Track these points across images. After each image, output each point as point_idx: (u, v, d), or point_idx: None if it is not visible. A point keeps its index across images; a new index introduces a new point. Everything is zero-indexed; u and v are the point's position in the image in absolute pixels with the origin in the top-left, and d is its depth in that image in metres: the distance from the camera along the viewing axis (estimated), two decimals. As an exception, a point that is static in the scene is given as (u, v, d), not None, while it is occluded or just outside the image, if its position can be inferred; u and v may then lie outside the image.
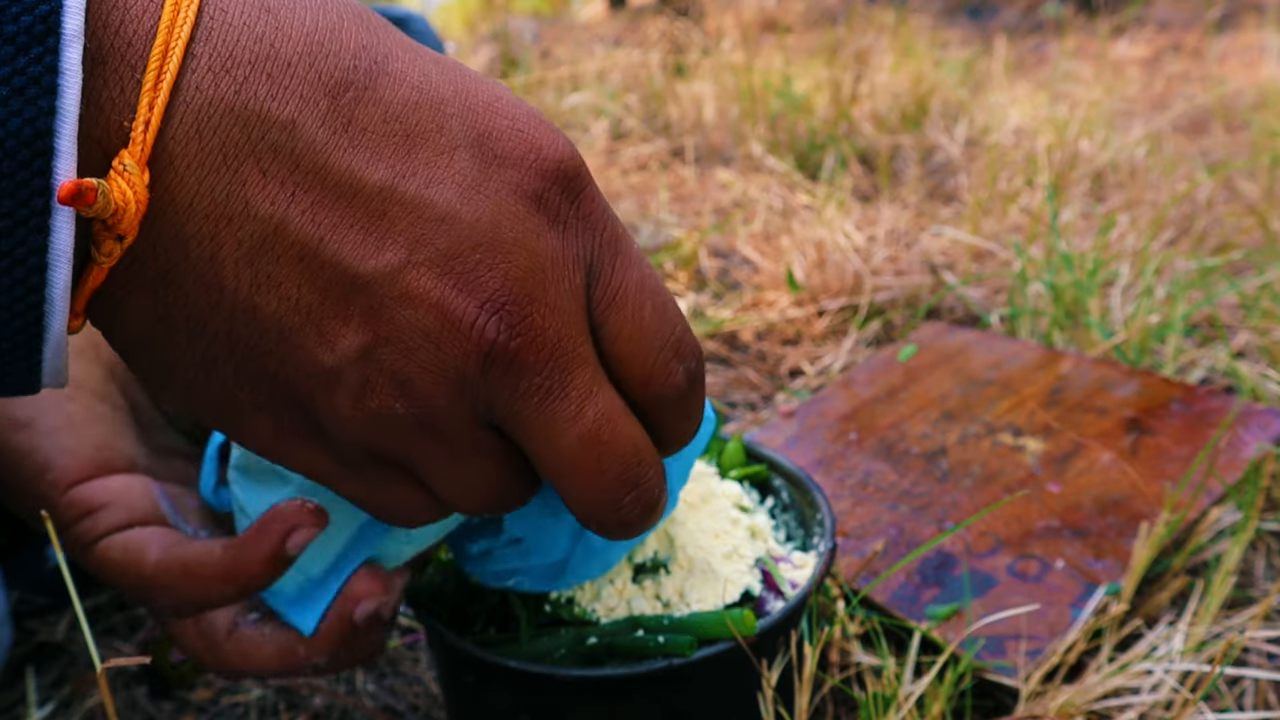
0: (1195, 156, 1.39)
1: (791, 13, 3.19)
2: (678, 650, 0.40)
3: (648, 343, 0.30)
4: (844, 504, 0.67)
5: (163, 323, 0.27)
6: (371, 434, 0.29)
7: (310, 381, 0.28)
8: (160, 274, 0.26)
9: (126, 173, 0.24)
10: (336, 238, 0.26)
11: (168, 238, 0.25)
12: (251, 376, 0.28)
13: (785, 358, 0.96)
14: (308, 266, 0.26)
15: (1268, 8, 2.52)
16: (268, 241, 0.26)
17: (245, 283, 0.26)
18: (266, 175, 0.25)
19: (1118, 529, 0.61)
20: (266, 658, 0.39)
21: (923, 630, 0.54)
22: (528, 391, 0.28)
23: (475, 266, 0.27)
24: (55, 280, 0.24)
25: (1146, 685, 0.50)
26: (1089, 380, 0.77)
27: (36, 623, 0.66)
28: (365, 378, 0.27)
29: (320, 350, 0.27)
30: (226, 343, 0.27)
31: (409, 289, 0.27)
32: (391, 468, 0.31)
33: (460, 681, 0.46)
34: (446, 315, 0.27)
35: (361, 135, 0.26)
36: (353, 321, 0.27)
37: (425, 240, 0.27)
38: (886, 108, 1.61)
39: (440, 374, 0.28)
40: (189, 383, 0.28)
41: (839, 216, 1.15)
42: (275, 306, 0.26)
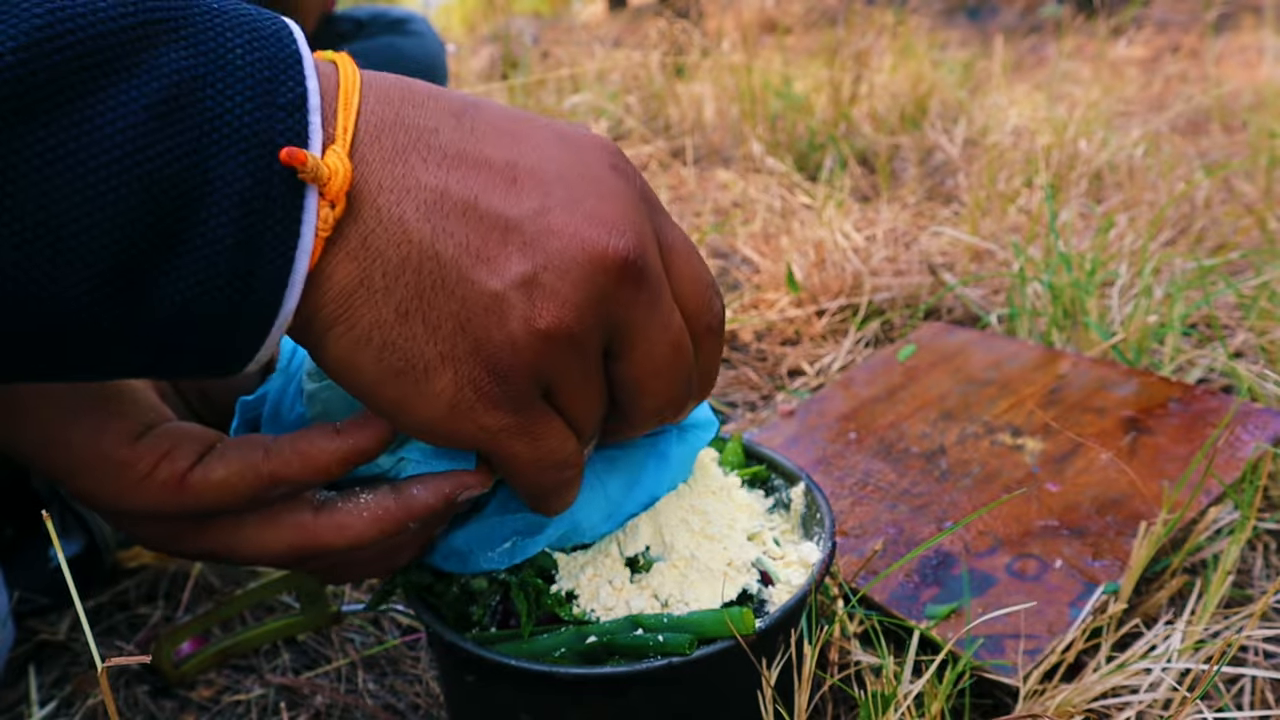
0: (1193, 157, 1.39)
1: (791, 13, 3.19)
2: (677, 649, 0.41)
3: (699, 282, 0.39)
4: (843, 503, 0.68)
5: (363, 285, 0.34)
6: (538, 355, 0.35)
7: (487, 313, 0.34)
8: (361, 240, 0.33)
9: (336, 153, 0.33)
10: (486, 196, 0.35)
11: (366, 209, 0.33)
12: (437, 323, 0.34)
13: (785, 358, 0.96)
14: (469, 218, 0.34)
15: (1266, 8, 2.53)
16: (438, 203, 0.34)
17: (427, 235, 0.34)
18: (427, 161, 0.35)
19: (1116, 528, 0.61)
20: (364, 524, 0.41)
21: (922, 629, 0.54)
22: (644, 302, 0.36)
23: (594, 207, 0.36)
24: (299, 265, 0.32)
25: (1145, 684, 0.50)
26: (1088, 380, 0.77)
27: (38, 622, 0.66)
28: (532, 301, 0.34)
29: (491, 279, 0.34)
30: (416, 292, 0.34)
31: (551, 225, 0.35)
32: (542, 403, 0.37)
33: (460, 681, 0.46)
34: (585, 242, 0.35)
35: (483, 135, 0.36)
36: (513, 256, 0.34)
37: (551, 192, 0.35)
38: (886, 108, 1.61)
39: (588, 287, 0.35)
40: (383, 345, 0.34)
41: (838, 217, 1.15)
42: (452, 251, 0.34)
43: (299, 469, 0.40)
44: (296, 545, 0.41)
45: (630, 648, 0.42)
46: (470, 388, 0.35)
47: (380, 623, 0.64)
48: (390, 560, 0.44)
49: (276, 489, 0.40)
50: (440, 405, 0.36)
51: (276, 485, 0.40)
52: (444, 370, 0.35)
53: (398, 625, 0.64)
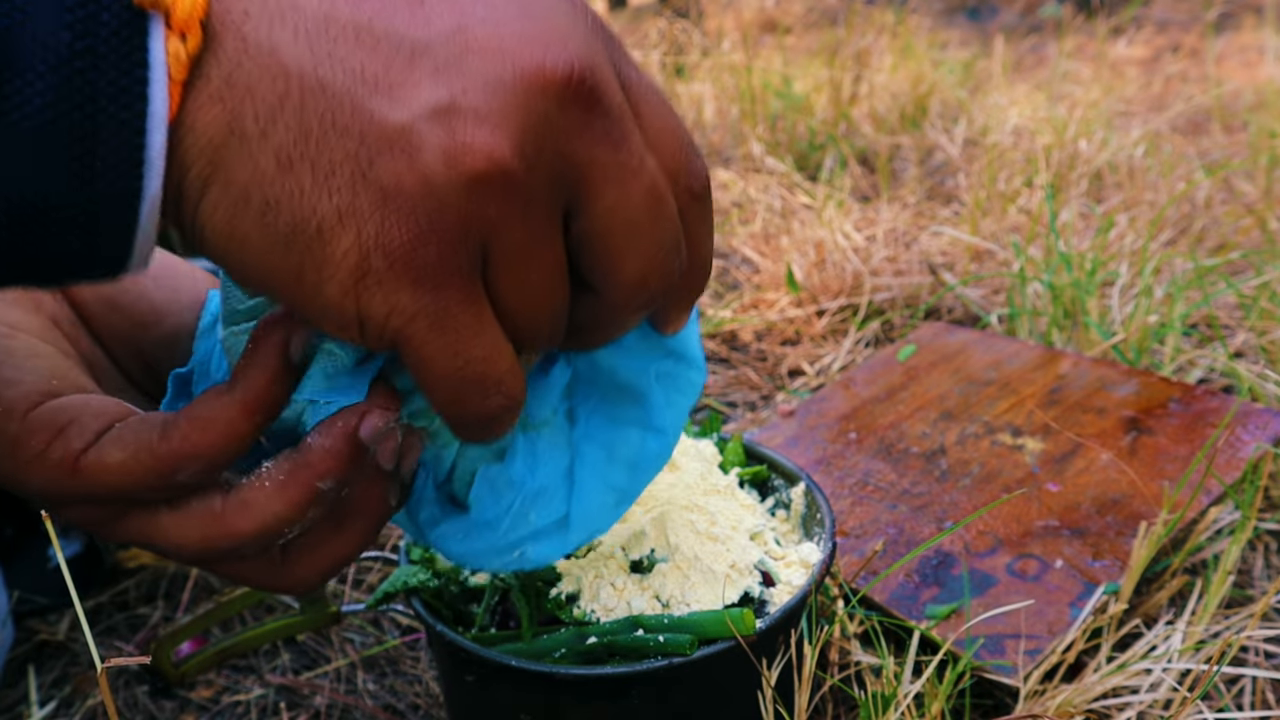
0: (1194, 157, 1.39)
1: (791, 13, 3.19)
2: (677, 650, 0.41)
3: (674, 134, 0.32)
4: (843, 504, 0.68)
5: (234, 133, 0.27)
6: (466, 201, 0.28)
7: (393, 152, 0.28)
8: (224, 77, 0.27)
9: None
10: (384, 16, 0.28)
11: (229, 38, 0.27)
12: (330, 169, 0.28)
13: (785, 358, 0.96)
14: (363, 42, 0.28)
15: (1266, 8, 2.53)
16: (320, 25, 0.28)
17: (308, 63, 0.27)
18: None
19: (1116, 528, 0.61)
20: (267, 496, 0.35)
21: (922, 629, 0.54)
22: (602, 133, 0.29)
23: (523, 25, 0.29)
24: (153, 141, 0.26)
25: (1145, 684, 0.50)
26: (1088, 380, 0.77)
27: (38, 622, 0.66)
28: (451, 132, 0.28)
29: (395, 109, 0.27)
30: (300, 135, 0.27)
31: (469, 44, 0.28)
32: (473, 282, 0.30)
33: (461, 681, 0.46)
34: (517, 60, 0.28)
35: None
36: (423, 83, 0.28)
37: (467, 10, 0.28)
38: (886, 108, 1.61)
39: (523, 117, 0.28)
40: (265, 205, 0.28)
41: (838, 217, 1.15)
42: (342, 79, 0.27)
43: (197, 442, 0.33)
44: (209, 537, 0.35)
45: (631, 648, 0.42)
46: (379, 251, 0.28)
47: (380, 623, 0.64)
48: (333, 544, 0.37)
49: (180, 471, 0.34)
50: (342, 276, 0.28)
51: (178, 466, 0.34)
52: (343, 229, 0.28)
53: (398, 625, 0.64)
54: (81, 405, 0.35)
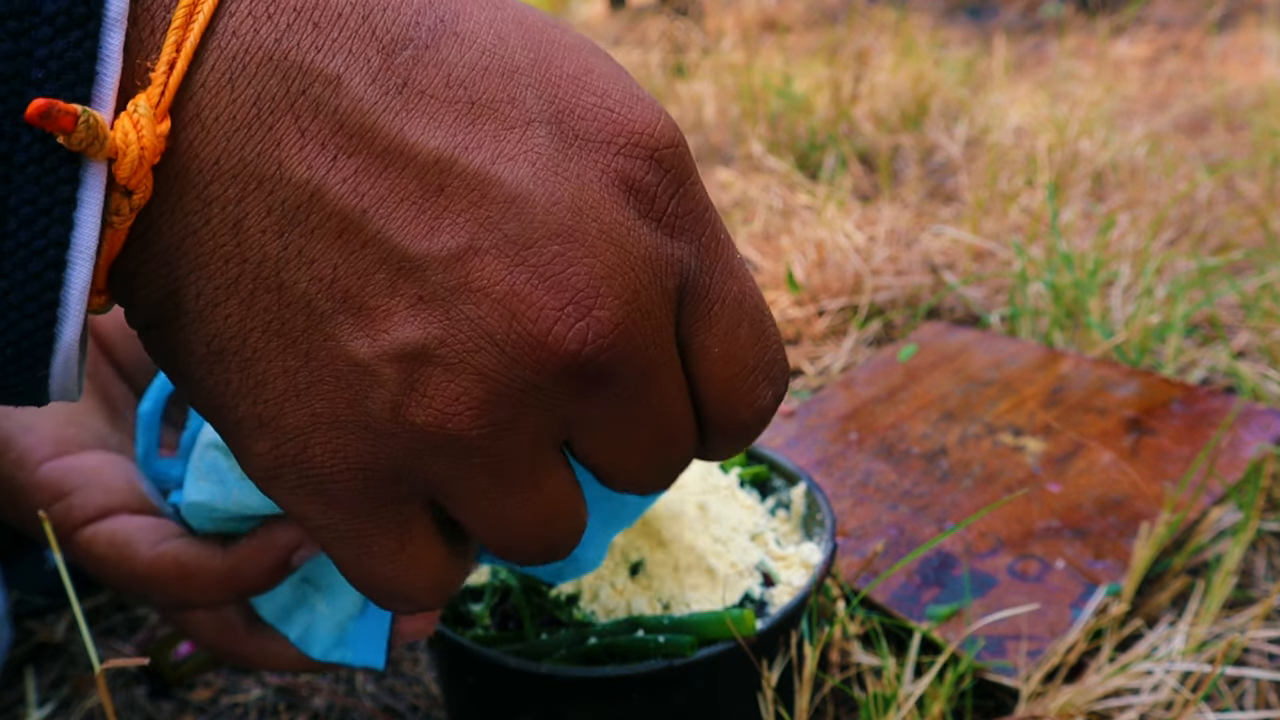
0: (1195, 156, 1.39)
1: (791, 13, 3.18)
2: (678, 650, 0.40)
3: (738, 365, 0.27)
4: (844, 504, 0.67)
5: (170, 301, 0.23)
6: (406, 456, 0.24)
7: (339, 385, 0.23)
8: (176, 242, 0.22)
9: (136, 114, 0.21)
10: (383, 212, 0.22)
11: (188, 199, 0.22)
12: (260, 380, 0.23)
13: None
14: (347, 243, 0.22)
15: (1268, 7, 2.52)
16: (302, 210, 0.22)
17: (272, 256, 0.22)
18: (305, 135, 0.22)
19: (1118, 529, 0.61)
20: (290, 658, 0.38)
21: (923, 630, 0.54)
22: (609, 400, 0.24)
23: (553, 259, 0.23)
24: (73, 280, 0.21)
25: (1147, 685, 0.50)
26: (1089, 380, 0.76)
27: (36, 623, 0.66)
28: (409, 383, 0.23)
29: (355, 342, 0.23)
30: (239, 332, 0.23)
31: (470, 278, 0.22)
32: (408, 511, 0.26)
33: (460, 682, 0.46)
34: (517, 314, 0.22)
35: (418, 99, 0.22)
36: (398, 313, 0.23)
37: (491, 223, 0.22)
38: (886, 107, 1.61)
39: (504, 384, 0.23)
40: (188, 376, 0.24)
41: (839, 216, 1.14)
42: (305, 286, 0.22)
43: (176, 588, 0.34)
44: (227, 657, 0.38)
45: (631, 649, 0.41)
46: (293, 468, 0.24)
47: (379, 623, 0.64)
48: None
49: (153, 596, 0.35)
50: (253, 468, 0.25)
51: (153, 593, 0.35)
52: (259, 436, 0.24)
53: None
54: (92, 474, 0.35)
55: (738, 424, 0.27)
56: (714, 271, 0.26)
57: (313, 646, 0.39)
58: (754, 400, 0.27)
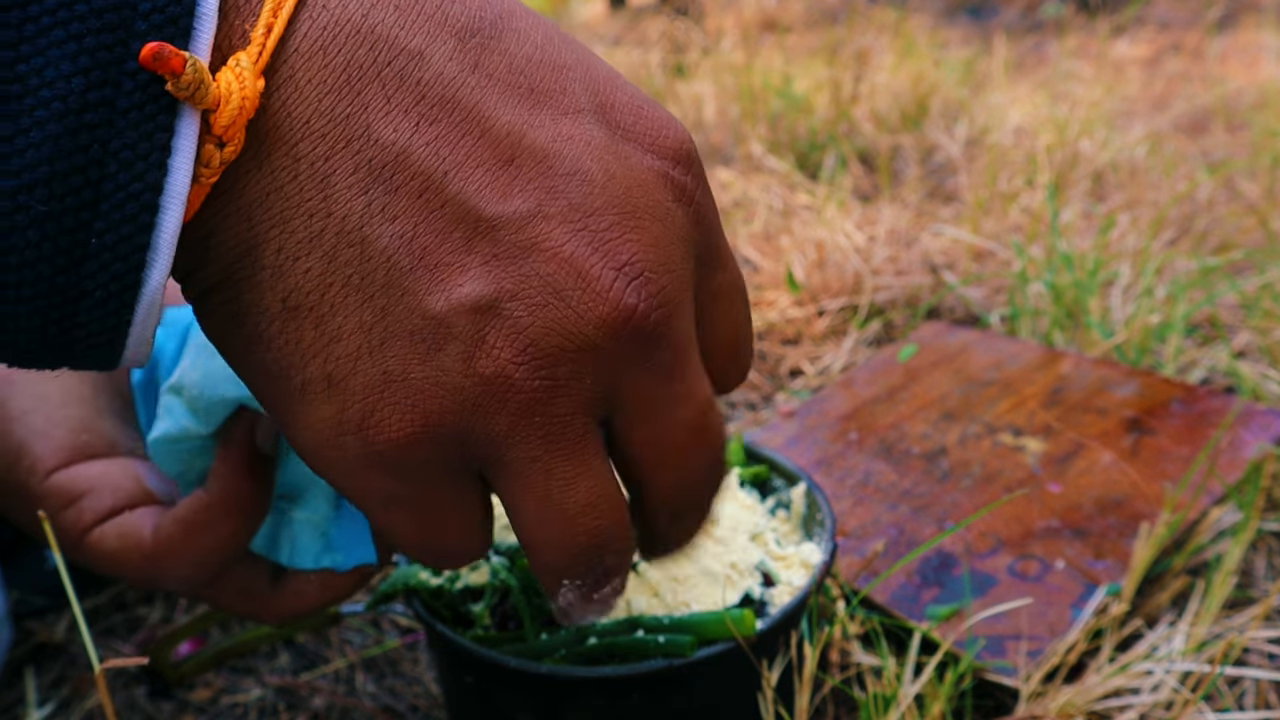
0: (1196, 156, 1.39)
1: (791, 13, 3.18)
2: (678, 650, 0.40)
3: (739, 338, 0.30)
4: (844, 504, 0.67)
5: (248, 257, 0.24)
6: (472, 412, 0.25)
7: (413, 340, 0.24)
8: (261, 196, 0.24)
9: (239, 69, 0.22)
10: (462, 175, 0.24)
11: (278, 154, 0.23)
12: (334, 336, 0.24)
13: (785, 358, 0.96)
14: (428, 202, 0.24)
15: (1267, 8, 2.52)
16: (387, 169, 0.24)
17: (357, 211, 0.24)
18: (391, 101, 0.24)
19: (1118, 529, 0.61)
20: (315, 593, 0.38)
21: (923, 630, 0.54)
22: (655, 368, 0.26)
23: (610, 228, 0.25)
24: (165, 223, 0.22)
25: (1147, 685, 0.50)
26: (1089, 380, 0.76)
27: (36, 623, 0.66)
28: (481, 334, 0.24)
29: (432, 296, 0.24)
30: (318, 285, 0.24)
31: (539, 239, 0.24)
32: (463, 480, 0.27)
33: (460, 681, 0.46)
34: (582, 273, 0.24)
35: (488, 80, 0.25)
36: (472, 269, 0.24)
37: (557, 192, 0.25)
38: (887, 107, 1.61)
39: (568, 337, 0.25)
40: (256, 338, 0.25)
41: (839, 216, 1.14)
42: (387, 241, 0.24)
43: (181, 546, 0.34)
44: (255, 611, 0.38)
45: (631, 649, 0.41)
46: (358, 435, 0.25)
47: (379, 624, 0.64)
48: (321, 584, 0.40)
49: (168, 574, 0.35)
50: (311, 438, 0.26)
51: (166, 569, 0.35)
52: (327, 399, 0.25)
53: (397, 626, 0.64)
54: (100, 476, 0.35)
55: (728, 388, 0.31)
56: (720, 255, 0.29)
57: (303, 558, 0.39)
58: (743, 365, 0.31)
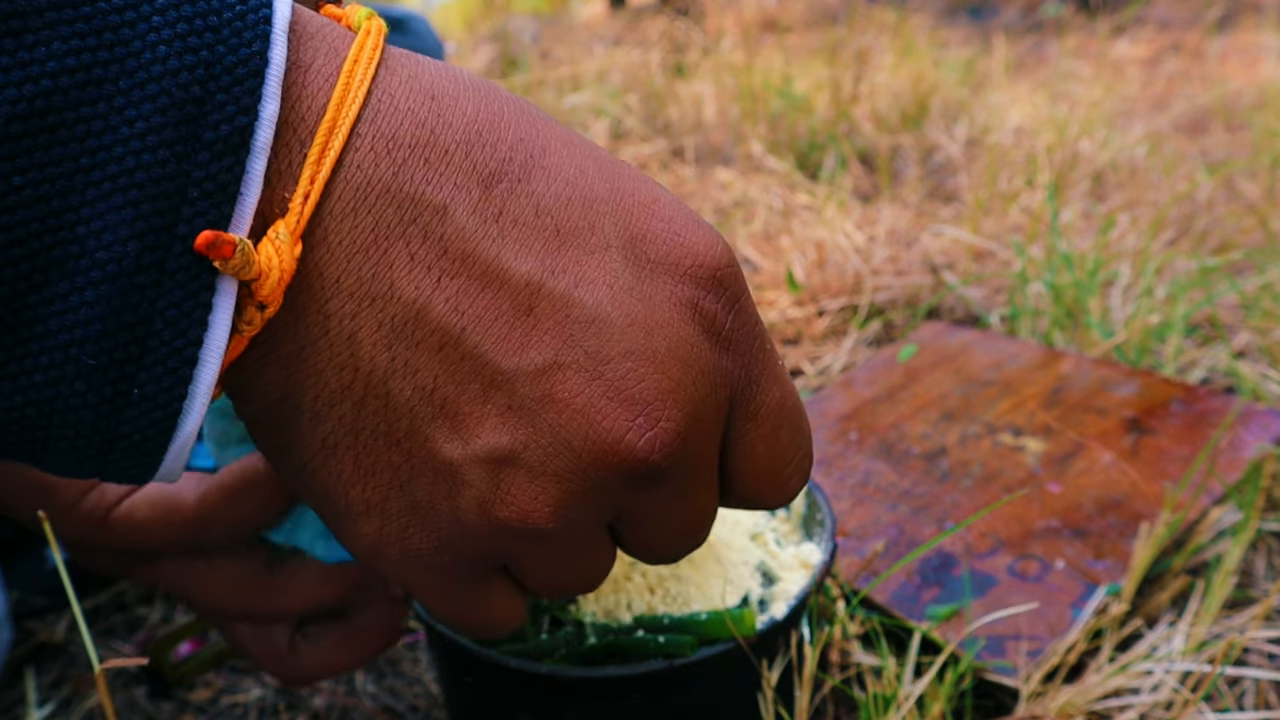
0: (1195, 156, 1.39)
1: (791, 13, 3.18)
2: (678, 650, 0.40)
3: (776, 463, 0.30)
4: (844, 504, 0.67)
5: (288, 401, 0.26)
6: (490, 543, 0.28)
7: (435, 480, 0.27)
8: (296, 350, 0.25)
9: (278, 240, 0.24)
10: (480, 329, 0.25)
11: (311, 313, 0.25)
12: (369, 471, 0.27)
13: (785, 358, 0.96)
14: (447, 356, 0.25)
15: (1267, 8, 2.52)
16: (409, 326, 0.25)
17: (381, 366, 0.25)
18: (414, 259, 0.25)
19: (1118, 529, 0.61)
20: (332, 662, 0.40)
21: (923, 630, 0.54)
22: (660, 497, 0.28)
23: (626, 375, 0.26)
24: (202, 376, 0.24)
25: (1147, 685, 0.50)
26: (1089, 380, 0.76)
27: (36, 623, 0.66)
28: (495, 483, 0.26)
29: (450, 445, 0.26)
30: (351, 430, 0.26)
31: (553, 391, 0.26)
32: (491, 577, 0.30)
33: (460, 681, 0.46)
34: (593, 425, 0.26)
35: (512, 227, 0.25)
36: (488, 420, 0.26)
37: (573, 341, 0.26)
38: (887, 107, 1.61)
39: (577, 484, 0.26)
40: (301, 468, 0.28)
41: (839, 216, 1.14)
42: (409, 395, 0.26)
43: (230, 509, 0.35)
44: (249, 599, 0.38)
45: (631, 649, 0.41)
46: (397, 544, 0.28)
47: (379, 623, 0.64)
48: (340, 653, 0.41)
49: (210, 536, 0.36)
50: (358, 546, 0.29)
51: (209, 532, 0.35)
52: (367, 518, 0.28)
53: (397, 626, 0.64)
54: None
55: (771, 504, 0.32)
56: (761, 380, 0.29)
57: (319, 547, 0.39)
58: (786, 490, 0.31)
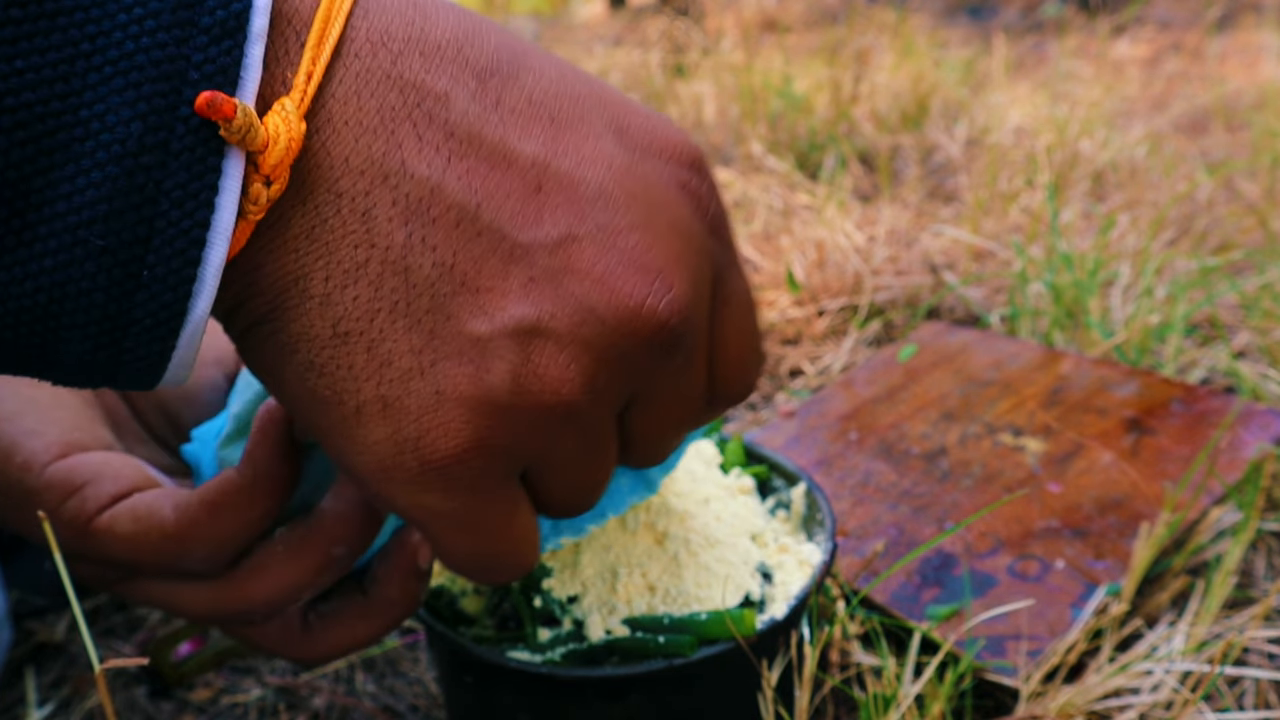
0: (1195, 156, 1.38)
1: (791, 13, 3.18)
2: (678, 650, 0.40)
3: (747, 346, 0.32)
4: (844, 504, 0.67)
5: (297, 287, 0.25)
6: (521, 428, 0.27)
7: (461, 361, 0.26)
8: (307, 229, 0.25)
9: (284, 112, 0.24)
10: (494, 205, 0.26)
11: (321, 191, 0.25)
12: (387, 358, 0.26)
13: (785, 358, 0.96)
14: (464, 232, 0.26)
15: (1267, 8, 2.52)
16: (424, 202, 0.25)
17: (399, 242, 0.25)
18: (423, 140, 0.25)
19: (1118, 529, 0.61)
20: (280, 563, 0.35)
21: (923, 630, 0.54)
22: (674, 369, 0.29)
23: (636, 245, 0.27)
24: (211, 257, 0.24)
25: (1147, 685, 0.50)
26: (1089, 380, 0.76)
27: (36, 623, 0.66)
28: (525, 356, 0.26)
29: (477, 318, 0.26)
30: (367, 312, 0.25)
31: (572, 261, 0.26)
32: (511, 486, 0.29)
33: (460, 681, 0.46)
34: (615, 291, 0.26)
35: (510, 114, 0.27)
36: (512, 293, 0.26)
37: (584, 215, 0.26)
38: (886, 107, 1.61)
39: (604, 353, 0.27)
40: (309, 365, 0.26)
41: (839, 216, 1.14)
42: (429, 271, 0.25)
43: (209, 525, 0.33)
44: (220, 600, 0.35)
45: (631, 649, 0.41)
46: (413, 453, 0.27)
47: (379, 623, 0.64)
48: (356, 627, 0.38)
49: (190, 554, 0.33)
50: (369, 461, 0.27)
51: (189, 549, 0.33)
52: (382, 420, 0.26)
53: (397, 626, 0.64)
54: (100, 465, 0.35)
55: (735, 395, 0.33)
56: (733, 266, 0.31)
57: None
58: (751, 375, 0.33)
